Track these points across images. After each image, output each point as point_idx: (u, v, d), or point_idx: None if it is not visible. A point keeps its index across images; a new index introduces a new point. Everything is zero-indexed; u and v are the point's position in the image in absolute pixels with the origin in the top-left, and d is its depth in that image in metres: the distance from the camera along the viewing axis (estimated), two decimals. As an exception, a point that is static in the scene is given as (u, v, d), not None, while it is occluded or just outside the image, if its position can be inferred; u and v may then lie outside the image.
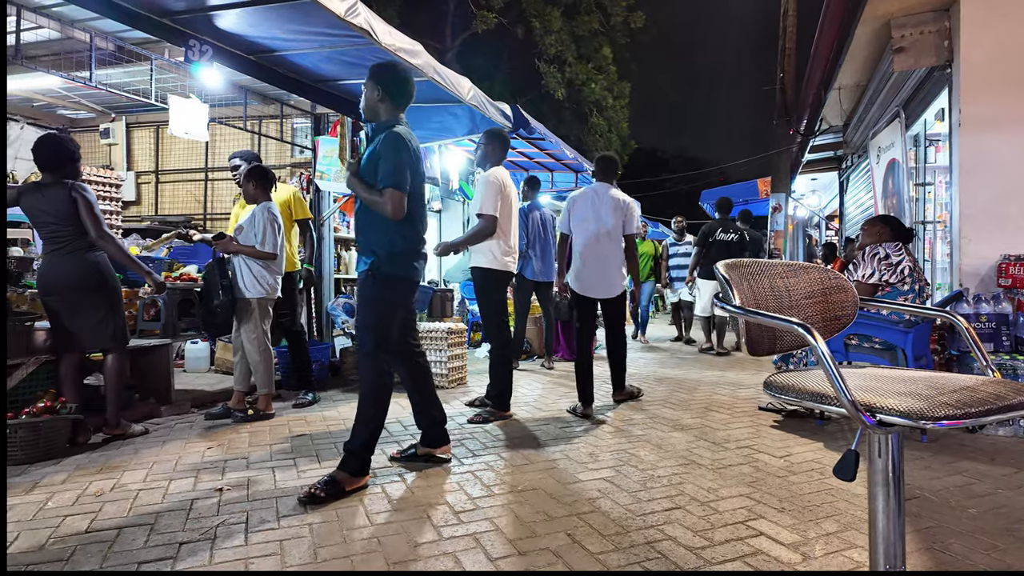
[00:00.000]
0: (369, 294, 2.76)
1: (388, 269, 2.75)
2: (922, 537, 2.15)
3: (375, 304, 2.75)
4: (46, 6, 4.23)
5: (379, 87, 2.81)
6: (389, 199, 2.65)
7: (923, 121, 5.53)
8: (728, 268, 1.39)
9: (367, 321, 2.75)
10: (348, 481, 2.57)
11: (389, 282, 2.76)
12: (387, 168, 2.66)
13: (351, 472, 2.60)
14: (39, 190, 3.37)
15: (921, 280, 3.60)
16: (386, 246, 2.75)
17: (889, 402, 1.08)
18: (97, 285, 3.36)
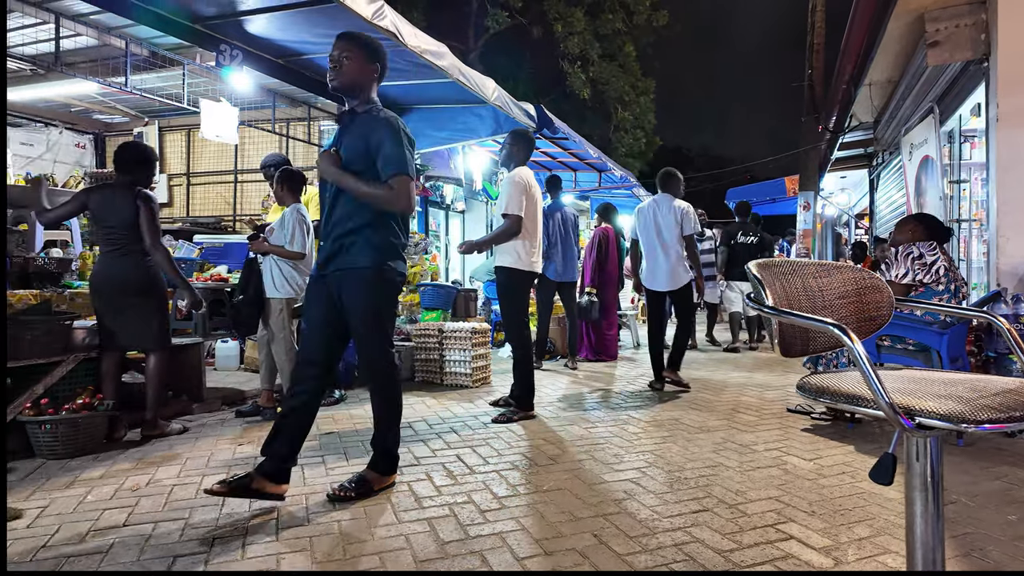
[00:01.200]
0: (376, 297, 2.48)
1: (392, 263, 2.50)
2: (959, 543, 2.10)
3: (385, 307, 2.53)
4: (84, 14, 4.36)
5: (370, 58, 2.47)
6: (400, 188, 2.35)
7: (958, 117, 5.39)
8: (760, 268, 1.37)
9: (379, 327, 2.51)
10: (378, 480, 2.55)
11: (395, 281, 2.54)
12: (393, 152, 2.36)
13: (381, 472, 2.57)
14: (107, 190, 3.52)
15: (957, 280, 3.50)
16: (390, 239, 2.48)
17: (929, 405, 1.06)
18: (147, 287, 3.48)
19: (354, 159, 2.40)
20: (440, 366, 5.12)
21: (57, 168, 7.18)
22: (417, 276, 6.26)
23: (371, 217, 2.44)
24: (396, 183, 2.35)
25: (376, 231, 2.45)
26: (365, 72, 2.45)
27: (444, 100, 5.73)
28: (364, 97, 2.48)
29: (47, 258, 3.92)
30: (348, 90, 2.46)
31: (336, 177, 2.42)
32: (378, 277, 2.45)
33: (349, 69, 2.42)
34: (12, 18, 4.45)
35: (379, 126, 2.38)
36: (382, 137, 2.36)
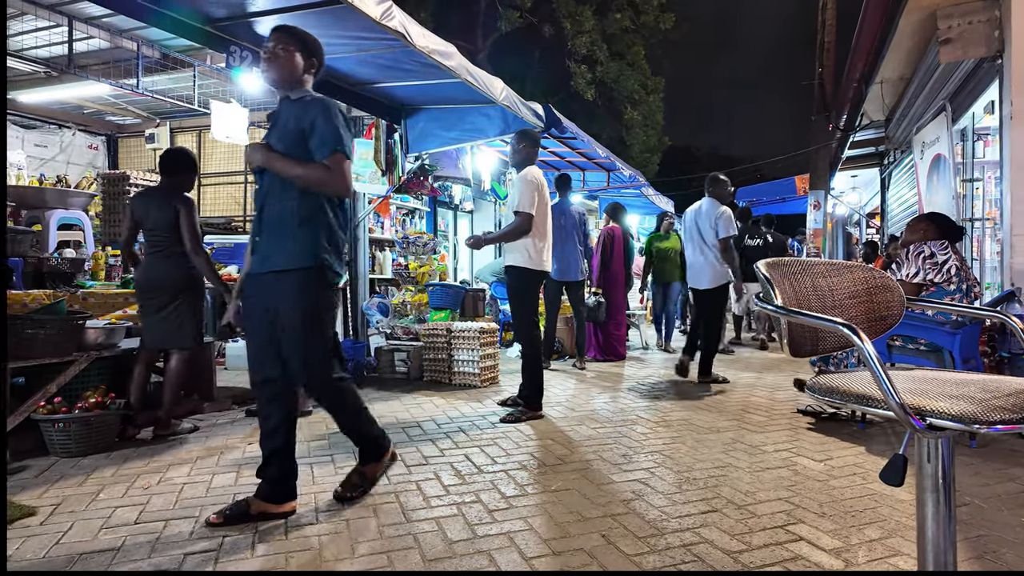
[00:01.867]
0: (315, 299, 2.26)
1: (330, 262, 2.29)
2: (972, 546, 2.08)
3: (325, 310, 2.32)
4: (96, 17, 4.40)
5: (306, 52, 2.36)
6: (336, 166, 2.18)
7: (971, 114, 5.33)
8: (769, 267, 1.36)
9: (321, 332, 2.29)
10: (374, 468, 2.54)
11: (333, 282, 2.33)
12: (329, 130, 2.20)
13: (374, 458, 2.54)
14: (151, 194, 3.63)
15: (970, 279, 3.47)
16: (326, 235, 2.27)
17: (940, 405, 1.05)
18: (185, 288, 3.54)
19: (287, 145, 2.25)
20: (448, 366, 5.13)
21: (70, 169, 7.26)
22: (425, 276, 6.27)
23: (307, 210, 2.26)
24: (332, 161, 2.19)
25: (312, 225, 2.26)
26: (300, 66, 2.34)
27: (453, 100, 5.73)
28: (303, 88, 2.37)
29: (60, 258, 3.97)
30: (282, 84, 2.34)
31: (264, 160, 2.25)
32: (316, 278, 2.26)
33: (285, 62, 2.32)
34: (26, 21, 4.51)
35: (312, 107, 2.24)
36: (315, 116, 2.22)
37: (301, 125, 2.24)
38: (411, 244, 6.46)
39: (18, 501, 2.45)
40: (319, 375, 2.34)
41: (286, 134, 2.26)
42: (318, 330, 2.29)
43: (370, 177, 5.87)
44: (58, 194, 4.72)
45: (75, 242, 4.68)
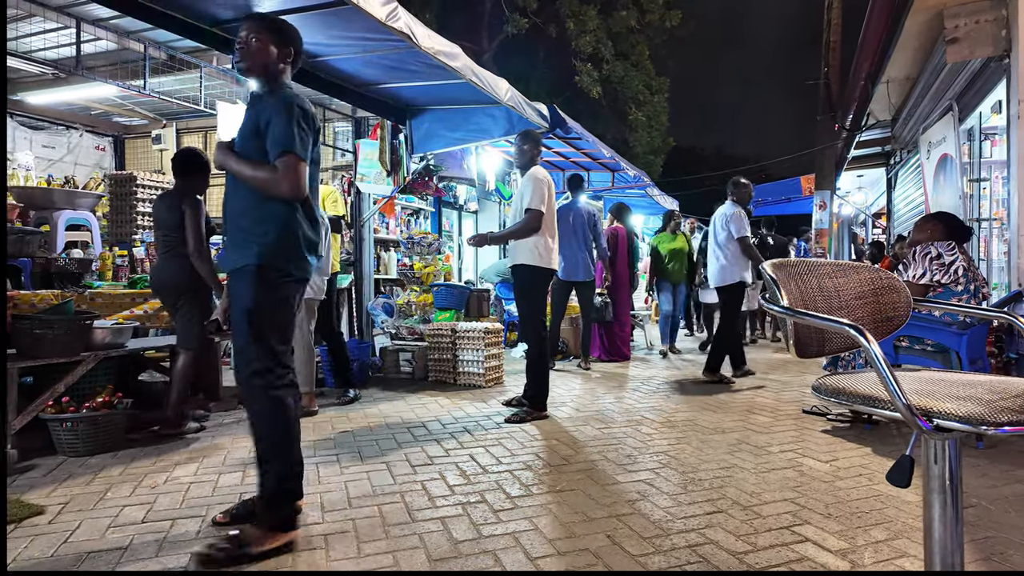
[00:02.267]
0: (257, 299, 2.10)
1: (278, 261, 2.13)
2: (979, 547, 2.07)
3: (264, 313, 2.11)
4: (104, 19, 4.43)
5: (281, 41, 2.24)
6: (286, 168, 2.06)
7: (978, 114, 5.30)
8: (775, 268, 1.36)
9: (254, 336, 2.09)
10: (259, 539, 2.00)
11: (282, 283, 2.15)
12: (281, 130, 2.08)
13: (266, 528, 2.03)
14: (164, 196, 3.69)
15: (977, 280, 3.45)
16: (276, 232, 2.13)
17: (947, 406, 1.05)
18: (188, 289, 3.56)
19: (244, 142, 2.17)
20: (453, 366, 5.14)
21: (77, 170, 7.31)
22: (430, 276, 6.28)
23: (258, 210, 2.14)
24: (281, 163, 2.07)
25: (266, 225, 2.13)
26: (275, 55, 2.22)
27: (457, 101, 5.73)
28: (273, 82, 2.24)
29: (68, 259, 3.99)
30: (256, 74, 2.22)
31: (221, 159, 2.18)
32: (260, 277, 2.10)
33: (258, 52, 2.20)
34: (34, 23, 4.54)
35: (271, 105, 2.13)
36: (270, 115, 2.11)
37: (258, 123, 2.14)
38: (416, 244, 6.47)
39: (26, 500, 2.47)
40: (245, 378, 2.11)
41: (245, 132, 2.18)
42: (250, 330, 2.09)
43: (375, 177, 5.89)
44: (66, 195, 4.75)
45: (82, 242, 4.71)
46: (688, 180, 18.78)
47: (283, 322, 2.18)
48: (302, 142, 2.12)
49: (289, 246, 2.16)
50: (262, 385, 2.09)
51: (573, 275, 5.89)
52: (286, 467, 2.10)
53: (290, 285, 2.19)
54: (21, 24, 4.61)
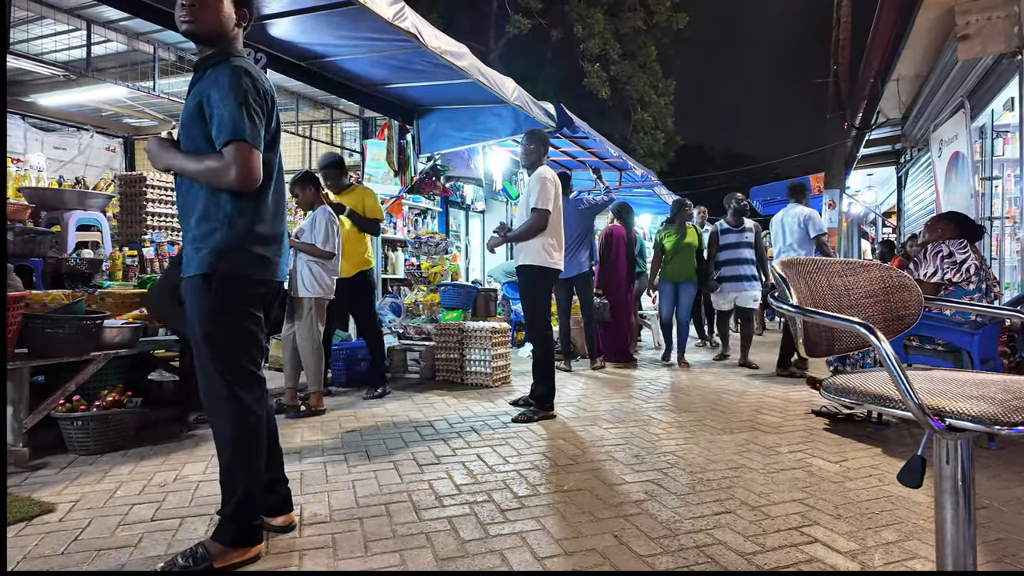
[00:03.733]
0: (208, 311, 1.91)
1: (228, 267, 1.90)
2: (991, 549, 2.04)
3: (217, 324, 1.92)
4: (114, 20, 4.46)
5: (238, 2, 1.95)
6: (234, 157, 1.79)
7: (990, 112, 5.25)
8: (785, 266, 1.35)
9: (211, 351, 1.92)
10: (223, 555, 1.90)
11: (231, 286, 1.92)
12: (228, 112, 1.79)
13: (227, 543, 1.92)
14: None
15: (989, 279, 3.41)
16: (223, 232, 1.88)
17: (959, 406, 1.03)
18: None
19: (187, 130, 1.89)
20: (461, 365, 5.14)
21: (88, 171, 7.36)
22: (438, 276, 6.29)
23: (205, 209, 1.89)
24: (227, 151, 1.79)
25: (211, 225, 1.89)
26: (229, 15, 1.92)
27: (464, 100, 5.75)
28: (224, 48, 1.94)
29: (78, 259, 4.02)
30: (205, 37, 1.90)
31: (155, 157, 1.92)
32: (210, 287, 1.89)
33: (210, 11, 1.87)
34: (45, 25, 4.58)
35: (216, 79, 1.83)
36: (211, 93, 1.82)
37: (200, 102, 1.85)
38: (423, 244, 6.48)
39: (37, 498, 2.49)
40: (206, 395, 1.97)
41: (187, 115, 1.89)
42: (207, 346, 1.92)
43: (383, 177, 5.90)
44: (77, 195, 4.78)
45: (93, 243, 4.74)
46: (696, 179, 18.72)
47: (244, 334, 1.96)
48: (252, 125, 1.82)
49: (240, 247, 1.91)
50: (223, 399, 1.93)
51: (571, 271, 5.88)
52: (249, 482, 1.96)
53: (248, 291, 1.95)
54: (32, 26, 4.65)
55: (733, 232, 6.20)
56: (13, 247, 3.66)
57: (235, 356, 1.96)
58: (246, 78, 1.85)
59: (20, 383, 2.99)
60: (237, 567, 1.92)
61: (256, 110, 1.85)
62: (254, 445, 1.99)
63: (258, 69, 1.95)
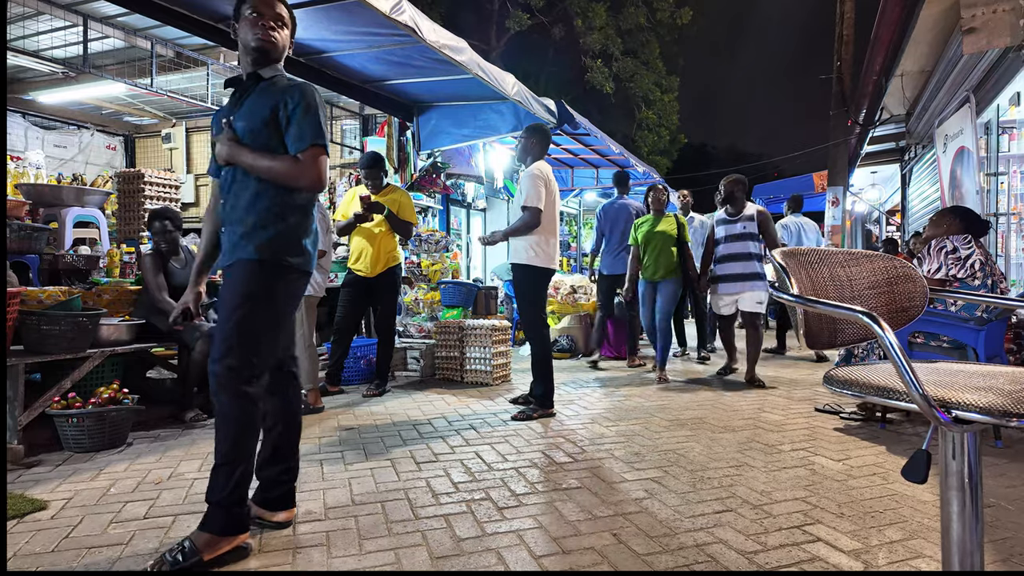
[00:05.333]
0: (250, 289, 2.01)
1: (285, 255, 2.05)
2: (997, 549, 2.00)
3: (256, 306, 2.00)
4: (111, 16, 4.44)
5: (293, 26, 2.21)
6: (313, 161, 2.00)
7: (995, 107, 5.19)
8: (785, 256, 1.31)
9: (238, 326, 1.98)
10: (209, 544, 1.90)
11: (284, 273, 2.06)
12: (308, 124, 2.01)
13: (216, 531, 1.92)
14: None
15: (995, 275, 3.37)
16: (280, 227, 2.04)
17: (967, 397, 0.99)
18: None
19: (254, 132, 2.03)
20: (460, 363, 5.11)
21: (88, 169, 7.36)
22: (438, 274, 6.26)
23: (268, 202, 2.04)
24: (307, 156, 2.00)
25: (269, 217, 2.04)
26: (288, 41, 2.19)
27: (464, 97, 5.71)
28: (277, 66, 2.17)
29: (76, 255, 4.00)
30: (275, 56, 2.13)
31: (230, 155, 2.04)
32: (261, 270, 2.02)
33: (284, 34, 2.15)
34: (42, 21, 4.56)
35: (290, 93, 2.03)
36: (294, 106, 2.01)
37: (275, 112, 2.03)
38: (423, 242, 6.45)
39: (31, 495, 2.47)
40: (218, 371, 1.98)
41: (255, 120, 2.03)
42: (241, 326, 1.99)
43: (382, 175, 5.84)
44: (74, 192, 4.76)
45: (90, 239, 4.73)
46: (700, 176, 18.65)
47: (276, 318, 2.06)
48: (327, 134, 2.10)
49: (293, 240, 2.08)
50: (234, 380, 1.96)
51: (616, 269, 5.96)
52: (243, 468, 1.98)
53: (291, 279, 2.09)
54: (29, 22, 4.63)
55: (729, 222, 5.08)
56: (10, 243, 3.65)
57: (260, 340, 2.02)
58: (318, 95, 2.10)
59: (16, 380, 2.97)
60: (226, 556, 1.91)
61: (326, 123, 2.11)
62: (253, 432, 2.03)
63: None
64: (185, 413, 3.70)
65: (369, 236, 4.46)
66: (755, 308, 4.95)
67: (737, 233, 5.01)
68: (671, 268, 5.21)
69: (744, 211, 5.05)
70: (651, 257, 5.26)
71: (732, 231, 5.03)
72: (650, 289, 5.38)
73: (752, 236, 4.99)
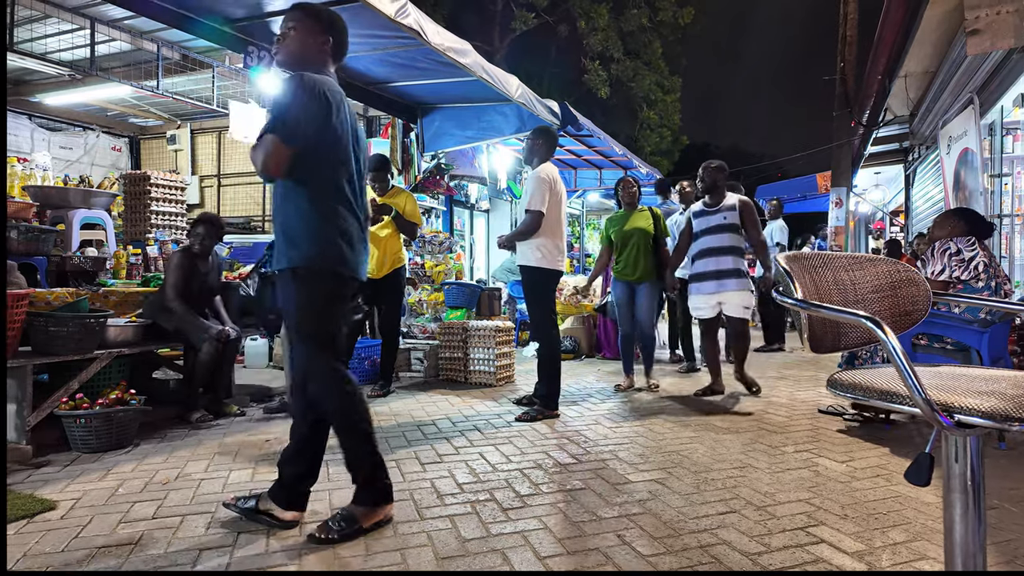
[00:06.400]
0: (296, 300, 2.13)
1: (315, 261, 2.11)
2: (1000, 550, 2.01)
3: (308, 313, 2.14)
4: (118, 19, 4.47)
5: (319, 29, 2.18)
6: (262, 147, 2.02)
7: (999, 108, 5.19)
8: (789, 260, 1.32)
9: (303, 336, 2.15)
10: (367, 516, 2.14)
11: (317, 279, 2.13)
12: (273, 108, 2.06)
13: (369, 504, 2.16)
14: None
15: (999, 277, 3.37)
16: (303, 230, 2.10)
17: (969, 401, 1.01)
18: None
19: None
20: (464, 364, 5.12)
21: (94, 171, 7.40)
22: (442, 275, 6.28)
23: (289, 204, 2.12)
24: (261, 142, 2.03)
25: (291, 220, 2.11)
26: (312, 45, 2.16)
27: (468, 99, 5.73)
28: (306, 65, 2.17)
29: (83, 257, 4.03)
30: (293, 66, 2.15)
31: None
32: (295, 279, 2.11)
33: (293, 42, 2.15)
34: (50, 24, 4.60)
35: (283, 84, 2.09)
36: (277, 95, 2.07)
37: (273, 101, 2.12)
38: (427, 243, 6.47)
39: (40, 495, 2.49)
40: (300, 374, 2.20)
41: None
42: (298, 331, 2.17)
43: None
44: (81, 194, 4.80)
45: (97, 241, 4.76)
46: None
47: (328, 320, 2.16)
48: (289, 124, 2.01)
49: (324, 244, 2.11)
50: (319, 374, 2.15)
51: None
52: (364, 444, 2.18)
53: (331, 283, 2.15)
54: (36, 25, 4.67)
55: (708, 213, 4.46)
56: (18, 245, 3.68)
57: (321, 340, 2.15)
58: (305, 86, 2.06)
59: (24, 381, 3.00)
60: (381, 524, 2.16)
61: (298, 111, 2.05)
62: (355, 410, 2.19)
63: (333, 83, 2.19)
64: (191, 414, 3.72)
65: (375, 238, 4.49)
66: (742, 314, 4.37)
67: (716, 225, 4.39)
68: (651, 267, 4.76)
69: (724, 201, 4.43)
70: (628, 256, 4.77)
71: (710, 223, 4.41)
72: (627, 291, 4.82)
73: (733, 228, 4.38)
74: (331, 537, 2.05)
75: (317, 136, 2.07)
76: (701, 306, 4.46)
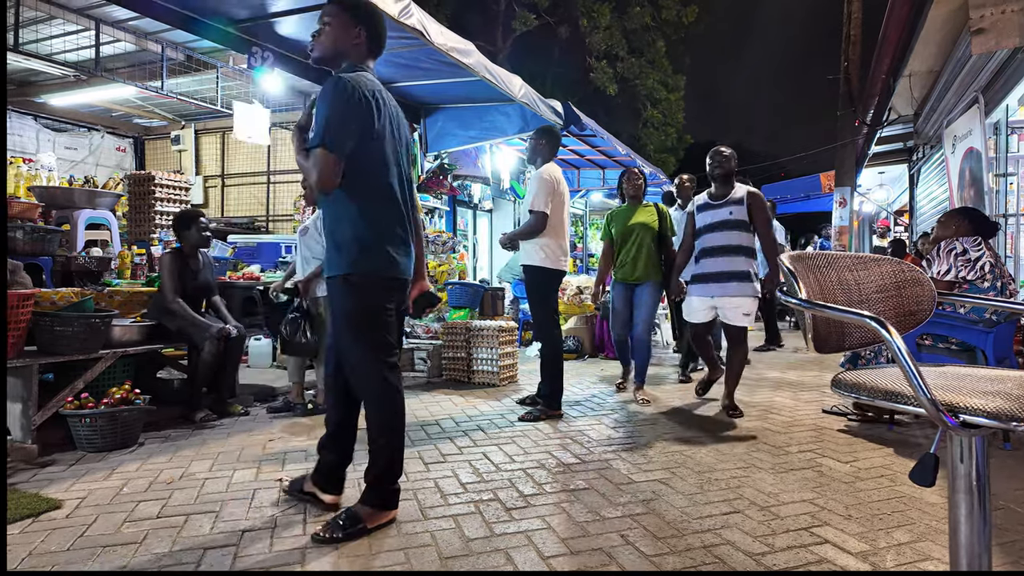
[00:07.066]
0: (344, 305, 2.16)
1: (363, 267, 2.12)
2: (1006, 551, 2.00)
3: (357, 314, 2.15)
4: (122, 20, 4.48)
5: (353, 21, 2.15)
6: (314, 163, 2.00)
7: (1004, 107, 5.17)
8: (793, 260, 1.32)
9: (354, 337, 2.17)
10: (371, 516, 2.15)
11: (366, 285, 2.14)
12: (317, 118, 2.03)
13: (376, 506, 2.17)
14: None
15: (1004, 276, 3.36)
16: (351, 236, 2.10)
17: (974, 402, 1.00)
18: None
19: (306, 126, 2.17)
20: (467, 364, 5.13)
21: (99, 171, 7.43)
22: (445, 275, 6.28)
23: (336, 210, 2.13)
24: (312, 157, 2.02)
25: (340, 227, 2.12)
26: (346, 38, 2.13)
27: (471, 98, 5.74)
28: (340, 67, 2.16)
29: (88, 257, 4.05)
30: (329, 61, 2.16)
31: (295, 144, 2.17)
32: (344, 287, 2.14)
33: (328, 36, 2.13)
34: (55, 25, 4.61)
35: (320, 92, 2.06)
36: (319, 98, 2.04)
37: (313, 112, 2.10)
38: (430, 243, 6.47)
39: (45, 494, 2.50)
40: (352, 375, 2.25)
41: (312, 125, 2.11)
42: (348, 332, 2.18)
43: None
44: (86, 194, 4.81)
45: (102, 241, 4.77)
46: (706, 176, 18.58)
47: (379, 323, 2.17)
48: (336, 134, 2.00)
49: (372, 250, 2.11)
50: (367, 375, 2.18)
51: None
52: (394, 448, 2.20)
53: (380, 289, 2.15)
54: (41, 26, 4.68)
55: (713, 207, 3.96)
56: (23, 245, 3.69)
57: (372, 342, 2.16)
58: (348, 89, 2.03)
59: (29, 380, 3.01)
60: (383, 527, 2.15)
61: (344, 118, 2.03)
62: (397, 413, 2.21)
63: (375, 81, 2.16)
64: (195, 413, 3.73)
65: None
66: (741, 321, 3.82)
67: (721, 221, 3.88)
68: (653, 268, 4.38)
69: (732, 193, 3.91)
70: (628, 254, 4.41)
71: (716, 218, 3.90)
72: (625, 292, 4.47)
73: (742, 225, 3.85)
74: (335, 536, 2.06)
75: (362, 141, 2.06)
76: (696, 308, 4.00)
